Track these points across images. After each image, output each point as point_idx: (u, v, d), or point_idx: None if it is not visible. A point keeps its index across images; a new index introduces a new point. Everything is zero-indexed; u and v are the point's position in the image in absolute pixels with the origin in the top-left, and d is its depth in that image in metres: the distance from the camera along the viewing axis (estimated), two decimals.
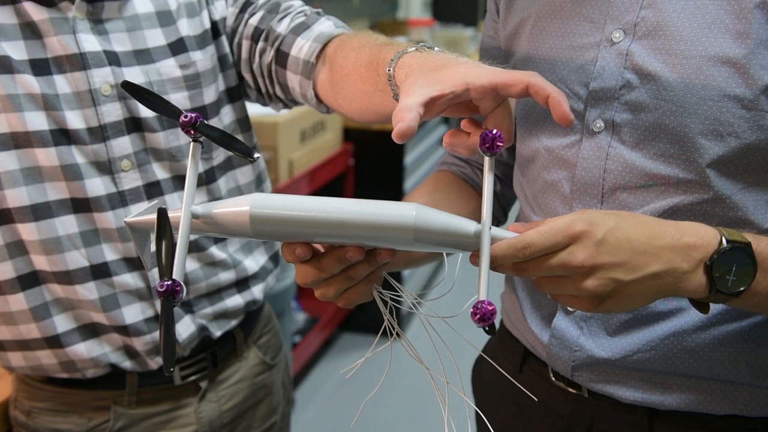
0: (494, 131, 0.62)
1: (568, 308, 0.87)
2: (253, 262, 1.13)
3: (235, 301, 1.10)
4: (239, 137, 1.10)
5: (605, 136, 0.81)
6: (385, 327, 0.70)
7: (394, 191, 2.98)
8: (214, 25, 1.05)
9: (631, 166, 0.79)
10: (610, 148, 0.80)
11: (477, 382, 1.07)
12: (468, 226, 0.63)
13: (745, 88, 0.73)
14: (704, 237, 0.67)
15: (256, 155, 0.66)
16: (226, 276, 1.08)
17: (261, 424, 1.21)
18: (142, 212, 0.66)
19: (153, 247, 0.84)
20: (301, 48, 0.99)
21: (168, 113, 0.66)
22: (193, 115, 0.63)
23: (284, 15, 1.04)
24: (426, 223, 0.61)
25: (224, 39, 1.07)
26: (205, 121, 0.64)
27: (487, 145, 0.62)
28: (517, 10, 0.92)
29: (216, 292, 1.08)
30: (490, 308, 0.59)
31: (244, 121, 1.12)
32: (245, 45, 1.05)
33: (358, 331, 3.12)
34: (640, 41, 0.79)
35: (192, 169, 0.64)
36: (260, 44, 1.04)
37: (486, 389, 1.04)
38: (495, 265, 0.63)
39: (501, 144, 0.62)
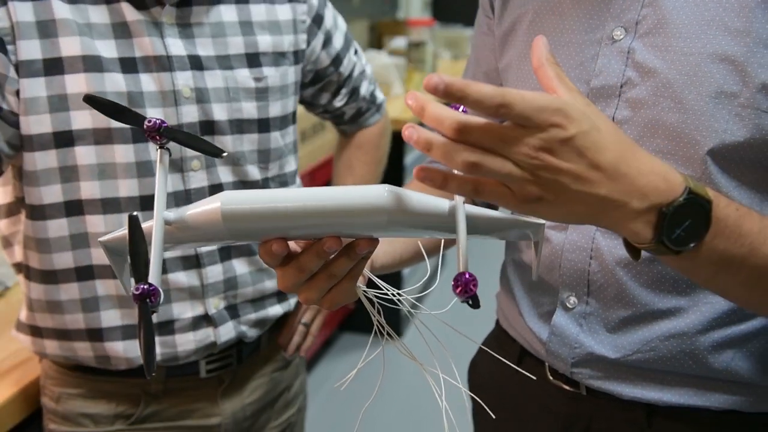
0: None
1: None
2: None
3: (275, 310, 1.15)
4: (291, 159, 1.16)
5: None
6: (377, 328, 0.70)
7: None
8: (296, 52, 1.10)
9: None
10: None
11: (473, 383, 1.07)
12: (442, 203, 0.61)
13: (742, 85, 0.73)
14: (670, 182, 0.60)
15: (224, 154, 0.65)
16: (270, 284, 1.13)
17: (279, 416, 1.25)
18: (116, 231, 0.65)
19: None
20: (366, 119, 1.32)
21: (133, 122, 0.64)
22: (157, 120, 0.62)
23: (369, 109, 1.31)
24: (398, 202, 0.59)
25: (300, 68, 1.12)
26: (168, 125, 0.62)
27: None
28: (514, 6, 0.91)
29: (260, 299, 1.13)
30: (470, 278, 0.57)
31: (295, 144, 1.18)
32: (341, 104, 1.25)
33: (358, 331, 3.12)
34: (641, 39, 0.79)
35: (161, 175, 0.63)
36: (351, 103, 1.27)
37: (482, 389, 1.04)
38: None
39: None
